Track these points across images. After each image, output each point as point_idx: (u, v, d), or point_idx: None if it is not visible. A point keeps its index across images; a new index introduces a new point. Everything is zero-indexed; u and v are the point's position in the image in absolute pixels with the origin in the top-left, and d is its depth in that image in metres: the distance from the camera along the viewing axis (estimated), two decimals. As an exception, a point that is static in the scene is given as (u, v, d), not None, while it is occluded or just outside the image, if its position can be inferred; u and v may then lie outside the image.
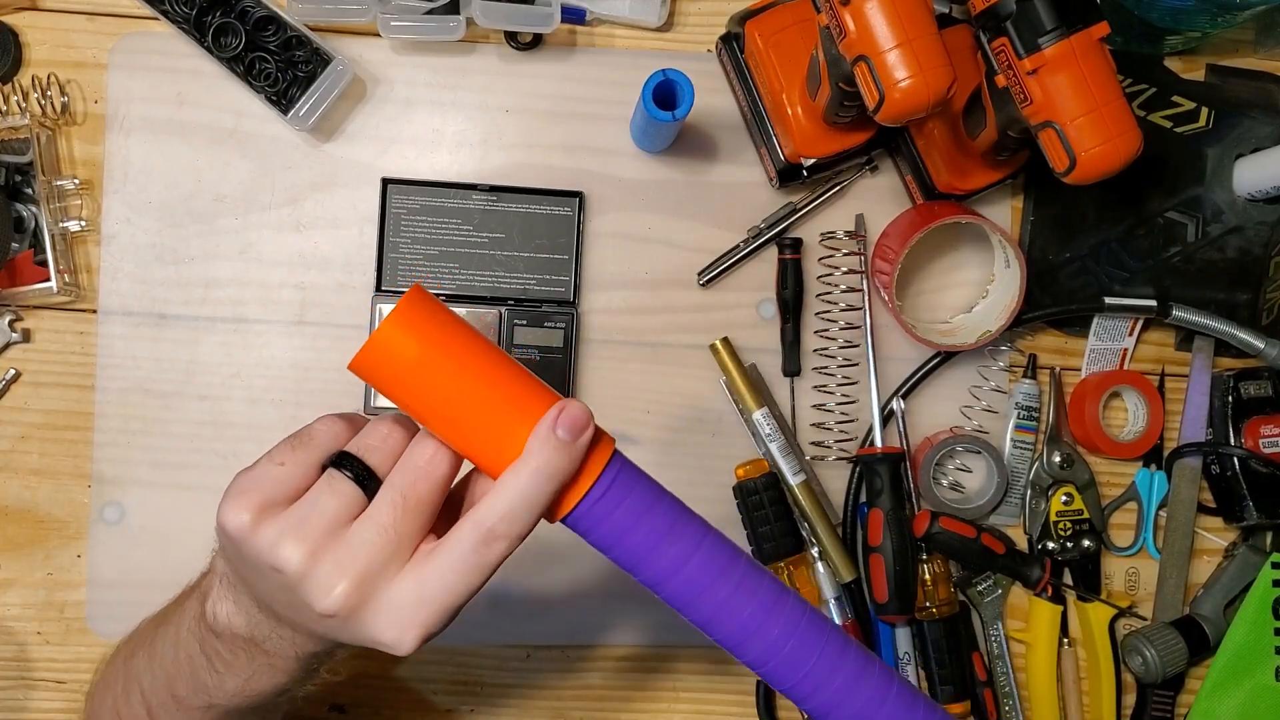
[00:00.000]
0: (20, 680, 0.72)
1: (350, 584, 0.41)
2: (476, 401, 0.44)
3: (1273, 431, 0.76)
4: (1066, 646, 0.78)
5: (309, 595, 0.42)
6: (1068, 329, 0.79)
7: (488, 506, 0.43)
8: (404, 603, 0.42)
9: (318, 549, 0.42)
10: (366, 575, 0.42)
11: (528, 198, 0.74)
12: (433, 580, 0.42)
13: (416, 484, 0.43)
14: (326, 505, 0.42)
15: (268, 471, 0.44)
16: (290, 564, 0.41)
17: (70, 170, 0.72)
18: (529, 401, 0.45)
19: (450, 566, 0.42)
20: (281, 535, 0.42)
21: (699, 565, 0.46)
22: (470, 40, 0.73)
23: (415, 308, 0.44)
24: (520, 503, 0.43)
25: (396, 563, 0.42)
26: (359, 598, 0.42)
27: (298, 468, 0.44)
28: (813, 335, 0.77)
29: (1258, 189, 0.72)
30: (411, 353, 0.43)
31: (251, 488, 0.43)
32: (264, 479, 0.43)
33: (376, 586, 0.42)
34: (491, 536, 0.43)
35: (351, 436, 0.45)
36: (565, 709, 0.75)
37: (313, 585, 0.41)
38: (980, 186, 0.74)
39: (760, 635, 0.46)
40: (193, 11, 0.70)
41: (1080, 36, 0.57)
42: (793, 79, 0.70)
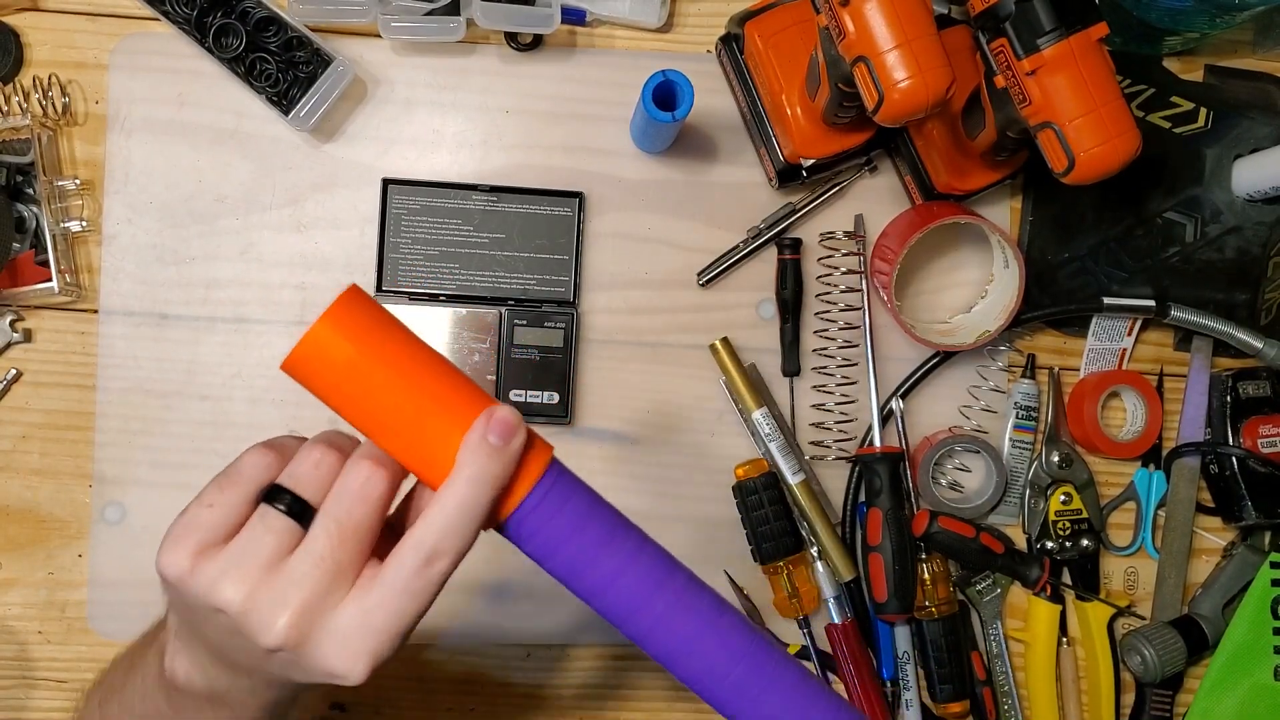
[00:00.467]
0: (21, 680, 0.72)
1: (291, 616, 0.41)
2: (412, 405, 0.43)
3: (1271, 431, 0.77)
4: (1065, 646, 0.78)
5: (252, 632, 0.41)
6: (1066, 329, 0.79)
7: (425, 525, 0.42)
8: (350, 632, 0.42)
9: (256, 585, 0.41)
10: (307, 607, 0.41)
11: (528, 198, 0.74)
12: (377, 608, 0.42)
13: (352, 510, 0.42)
14: (261, 541, 0.42)
15: (199, 514, 0.44)
16: (231, 603, 0.41)
17: (71, 170, 0.72)
18: (464, 406, 0.44)
19: (394, 591, 0.42)
20: (220, 575, 0.42)
21: (637, 577, 0.45)
22: (470, 41, 0.73)
23: (350, 308, 0.43)
24: (458, 516, 0.42)
25: (338, 591, 0.42)
26: (302, 630, 0.41)
27: (229, 507, 0.44)
28: (812, 335, 0.77)
29: (1256, 189, 0.72)
30: (345, 354, 0.43)
31: (185, 532, 0.43)
32: (197, 522, 0.43)
33: (320, 617, 0.41)
34: (433, 555, 0.42)
35: (282, 466, 0.45)
36: (565, 709, 0.76)
37: (255, 621, 0.41)
38: (979, 187, 0.74)
39: (698, 654, 0.45)
40: (194, 12, 0.70)
41: (1079, 37, 0.57)
42: (792, 80, 0.70)
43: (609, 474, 0.75)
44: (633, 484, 0.75)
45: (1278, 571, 0.77)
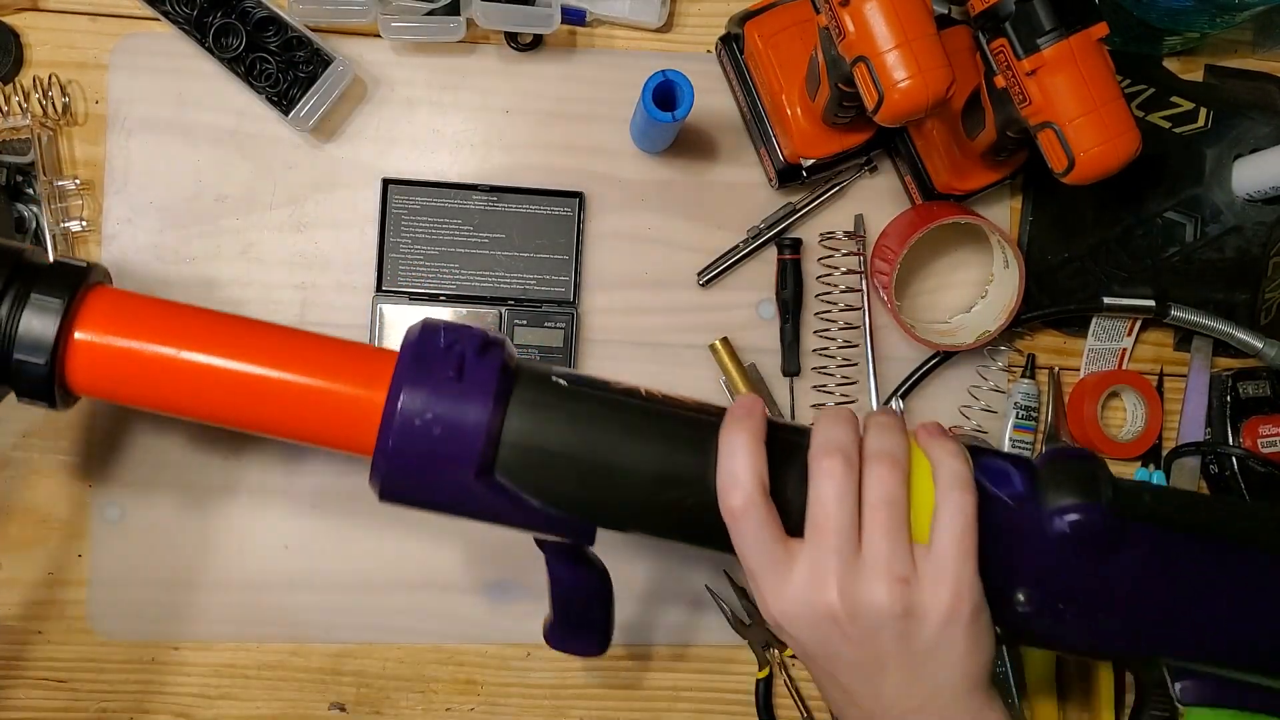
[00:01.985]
0: (20, 680, 0.72)
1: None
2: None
3: (1271, 431, 0.77)
4: (1065, 646, 0.78)
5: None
6: (1066, 329, 0.79)
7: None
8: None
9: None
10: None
11: (528, 198, 0.74)
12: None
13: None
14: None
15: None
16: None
17: (71, 170, 0.72)
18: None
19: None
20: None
21: None
22: (470, 41, 0.73)
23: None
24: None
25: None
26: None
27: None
28: (812, 335, 0.77)
29: (1256, 189, 0.72)
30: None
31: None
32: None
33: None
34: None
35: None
36: (565, 709, 0.76)
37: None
38: (979, 187, 0.74)
39: None
40: (194, 12, 0.70)
41: (1079, 37, 0.58)
42: (792, 79, 0.70)
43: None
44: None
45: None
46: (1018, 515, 0.50)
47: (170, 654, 0.73)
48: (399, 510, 0.73)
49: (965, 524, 0.48)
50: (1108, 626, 0.51)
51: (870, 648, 0.48)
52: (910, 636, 0.47)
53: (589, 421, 0.50)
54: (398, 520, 0.74)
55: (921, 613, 0.47)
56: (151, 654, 0.73)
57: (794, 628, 0.48)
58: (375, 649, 0.74)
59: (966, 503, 0.48)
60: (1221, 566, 0.52)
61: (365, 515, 0.73)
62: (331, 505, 0.73)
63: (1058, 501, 0.50)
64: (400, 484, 0.50)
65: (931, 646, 0.47)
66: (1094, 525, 0.50)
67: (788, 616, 0.48)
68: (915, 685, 0.48)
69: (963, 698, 0.48)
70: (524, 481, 0.50)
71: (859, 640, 0.47)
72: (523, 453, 0.49)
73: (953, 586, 0.47)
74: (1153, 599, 0.51)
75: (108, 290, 0.54)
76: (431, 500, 0.51)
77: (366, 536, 0.74)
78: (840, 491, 0.47)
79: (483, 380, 0.49)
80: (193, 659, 0.73)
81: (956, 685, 0.48)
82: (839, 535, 0.47)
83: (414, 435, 0.49)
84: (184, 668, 0.73)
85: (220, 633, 0.73)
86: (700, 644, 0.76)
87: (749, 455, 0.48)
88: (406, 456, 0.49)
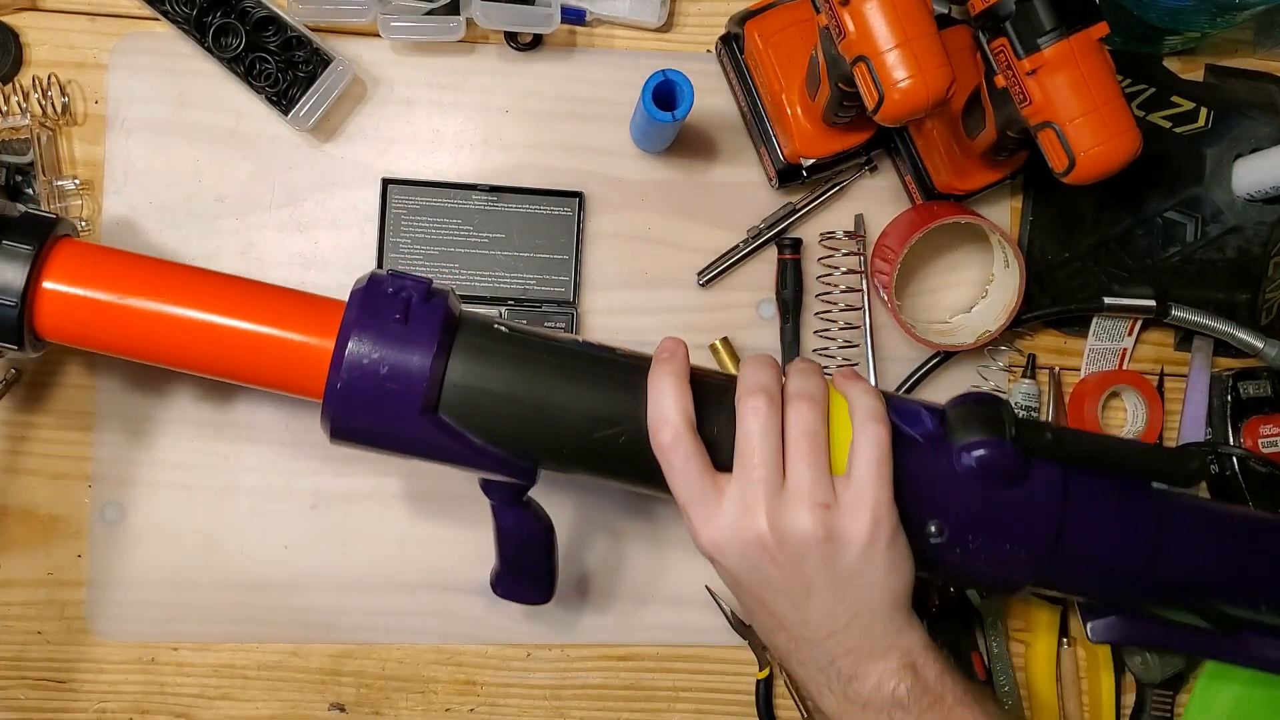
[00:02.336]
0: (20, 680, 0.72)
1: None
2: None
3: (1272, 431, 0.77)
4: (1066, 646, 0.78)
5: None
6: (1067, 329, 0.79)
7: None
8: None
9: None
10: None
11: (528, 198, 0.74)
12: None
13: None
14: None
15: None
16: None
17: (71, 170, 0.72)
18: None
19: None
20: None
21: None
22: (470, 41, 0.73)
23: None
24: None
25: None
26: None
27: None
28: (812, 335, 0.77)
29: (1257, 189, 0.72)
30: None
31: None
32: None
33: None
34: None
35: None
36: (565, 709, 0.76)
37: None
38: (979, 187, 0.74)
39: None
40: (193, 12, 0.70)
41: (1079, 37, 0.57)
42: (792, 79, 0.70)
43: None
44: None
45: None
46: (929, 452, 0.55)
47: (170, 654, 0.73)
48: (398, 510, 0.74)
49: (881, 453, 0.52)
50: (1014, 557, 0.56)
51: (797, 572, 0.51)
52: (834, 559, 0.51)
53: (528, 364, 0.54)
54: (397, 521, 0.74)
55: (843, 536, 0.51)
56: (151, 654, 0.73)
57: (724, 556, 0.52)
58: (375, 649, 0.74)
59: (881, 434, 0.52)
60: (1119, 497, 0.58)
61: (365, 515, 0.73)
62: (331, 505, 0.73)
63: (965, 439, 0.55)
64: (350, 422, 0.54)
65: (854, 568, 0.51)
66: (999, 460, 0.54)
67: (718, 545, 0.52)
68: (840, 606, 0.52)
69: (884, 616, 0.52)
70: (467, 420, 0.53)
71: (786, 564, 0.51)
72: (465, 392, 0.53)
73: (871, 511, 0.51)
74: (1054, 530, 0.55)
75: (74, 242, 0.57)
76: (379, 438, 0.54)
77: (366, 536, 0.73)
78: (764, 426, 0.52)
79: (428, 323, 0.53)
80: (193, 659, 0.73)
81: (878, 605, 0.52)
82: (765, 466, 0.51)
83: (362, 374, 0.52)
84: (184, 668, 0.73)
85: (220, 633, 0.73)
86: (700, 644, 0.76)
87: (675, 394, 0.52)
88: (355, 395, 0.52)
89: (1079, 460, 0.58)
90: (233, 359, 0.56)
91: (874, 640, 0.53)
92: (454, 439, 0.54)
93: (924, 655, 0.53)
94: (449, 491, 0.74)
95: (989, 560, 0.56)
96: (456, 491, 0.74)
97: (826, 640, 0.53)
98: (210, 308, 0.56)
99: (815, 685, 0.54)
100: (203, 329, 0.56)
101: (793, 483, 0.51)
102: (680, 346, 0.55)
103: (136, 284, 0.55)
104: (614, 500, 0.75)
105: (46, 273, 0.55)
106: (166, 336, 0.56)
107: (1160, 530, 0.58)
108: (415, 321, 0.53)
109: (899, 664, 0.52)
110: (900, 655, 0.53)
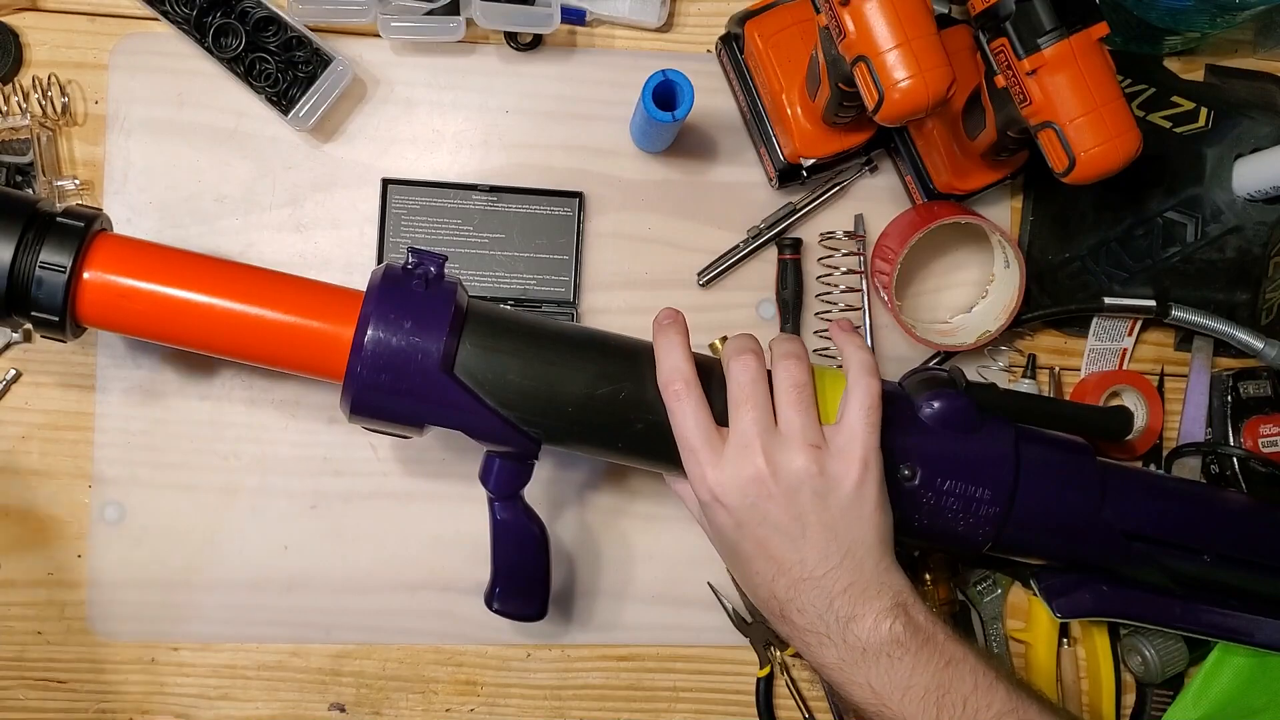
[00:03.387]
0: (20, 680, 0.72)
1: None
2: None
3: (1272, 431, 0.77)
4: (1066, 646, 0.78)
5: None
6: (1067, 329, 0.79)
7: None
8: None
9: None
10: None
11: (528, 198, 0.74)
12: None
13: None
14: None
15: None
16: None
17: (71, 171, 0.72)
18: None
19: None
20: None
21: None
22: (470, 41, 0.73)
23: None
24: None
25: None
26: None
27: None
28: (812, 335, 0.77)
29: (1257, 189, 0.72)
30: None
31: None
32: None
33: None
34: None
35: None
36: (565, 709, 0.76)
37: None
38: (980, 187, 0.74)
39: None
40: (193, 12, 0.70)
41: (1079, 37, 0.57)
42: (792, 79, 0.70)
43: (610, 473, 0.75)
44: (633, 483, 0.75)
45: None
46: (897, 406, 0.61)
47: (170, 654, 0.73)
48: (398, 510, 0.74)
49: (872, 401, 0.58)
50: (979, 503, 0.61)
51: (793, 506, 0.56)
52: (826, 495, 0.56)
53: (534, 329, 0.60)
54: (397, 521, 0.74)
55: (835, 475, 0.56)
56: (151, 654, 0.73)
57: (726, 495, 0.56)
58: (375, 649, 0.74)
59: (873, 385, 0.58)
60: (1064, 453, 0.65)
61: (365, 515, 0.73)
62: (331, 505, 0.73)
63: (923, 394, 0.62)
64: (375, 380, 0.57)
65: (845, 506, 0.56)
66: (956, 408, 0.62)
67: (722, 485, 0.56)
68: (833, 543, 0.56)
69: (874, 554, 0.57)
70: (480, 380, 0.57)
71: (782, 499, 0.56)
72: (478, 353, 0.58)
73: (861, 454, 0.56)
74: (1010, 475, 0.62)
75: (111, 235, 0.61)
76: (400, 398, 0.57)
77: (366, 536, 0.74)
78: (754, 376, 0.57)
79: (446, 289, 0.58)
80: (193, 659, 0.73)
81: (869, 542, 0.56)
82: (757, 409, 0.56)
83: (388, 332, 0.56)
84: (184, 668, 0.73)
85: (220, 633, 0.73)
86: (700, 644, 0.76)
87: (684, 349, 0.59)
88: (381, 353, 0.56)
89: (1023, 413, 0.66)
90: (260, 335, 0.59)
91: (866, 578, 0.56)
92: (469, 399, 0.57)
93: (911, 596, 0.57)
94: (449, 492, 0.74)
95: (957, 506, 0.61)
96: (456, 492, 0.74)
97: (823, 579, 0.56)
98: (238, 294, 0.59)
99: (815, 637, 0.56)
100: (232, 317, 0.59)
101: (784, 427, 0.57)
102: (679, 314, 0.61)
103: (171, 274, 0.59)
104: (614, 500, 0.75)
105: (88, 263, 0.58)
106: (199, 325, 0.59)
107: (1104, 484, 0.65)
108: (434, 287, 0.58)
109: (891, 603, 0.56)
110: (892, 594, 0.56)
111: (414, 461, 0.74)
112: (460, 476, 0.74)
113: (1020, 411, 0.66)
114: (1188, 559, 0.67)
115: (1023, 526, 0.63)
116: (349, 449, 0.73)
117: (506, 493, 0.62)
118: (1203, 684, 0.76)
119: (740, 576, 0.61)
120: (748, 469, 0.56)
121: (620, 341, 0.62)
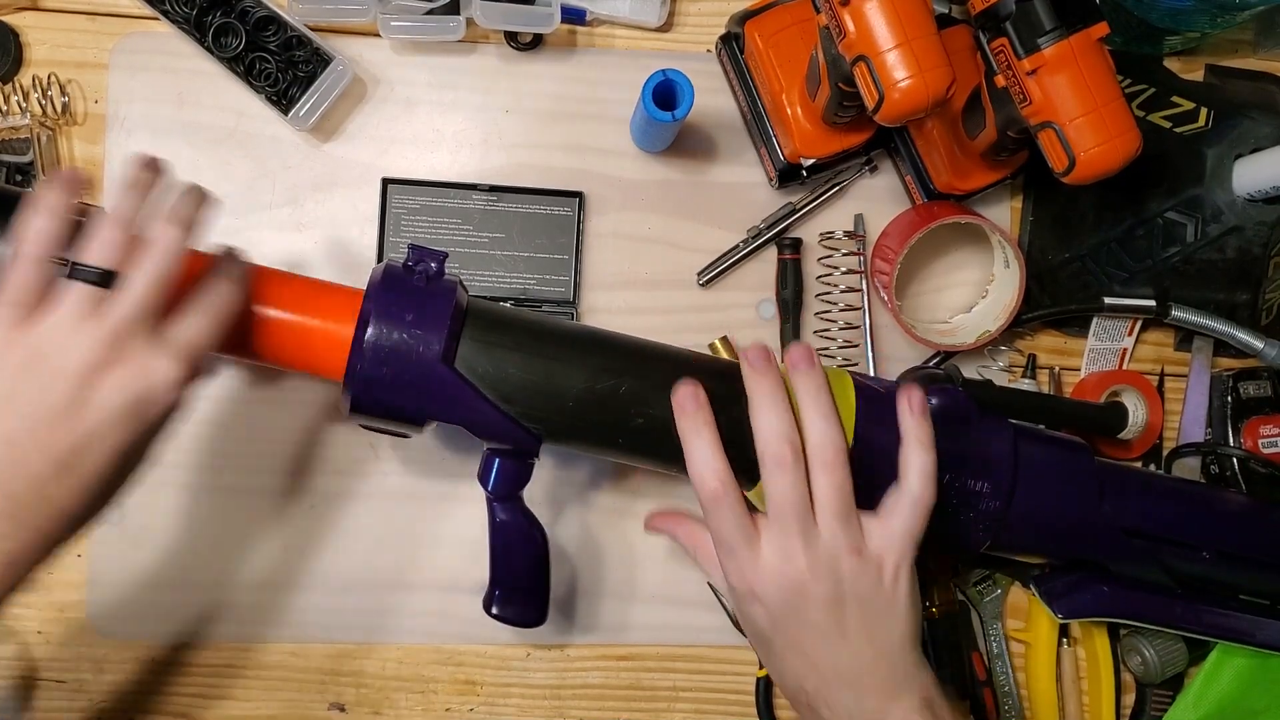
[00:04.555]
0: (20, 679, 0.72)
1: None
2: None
3: (1272, 431, 0.77)
4: (1066, 646, 0.78)
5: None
6: (1067, 329, 0.79)
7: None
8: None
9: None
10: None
11: (528, 198, 0.74)
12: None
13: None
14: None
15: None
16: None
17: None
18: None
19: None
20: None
21: None
22: (470, 40, 0.73)
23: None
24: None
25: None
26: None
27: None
28: (812, 335, 0.77)
29: (1257, 189, 0.72)
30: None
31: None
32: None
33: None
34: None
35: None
36: (565, 709, 0.76)
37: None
38: (980, 187, 0.74)
39: None
40: (193, 12, 0.70)
41: (1079, 37, 0.57)
42: (792, 79, 0.70)
43: (610, 473, 0.75)
44: (634, 483, 0.75)
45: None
46: (893, 406, 0.60)
47: (170, 654, 0.73)
48: (398, 510, 0.74)
49: (921, 511, 0.57)
50: (980, 498, 0.62)
51: (834, 611, 0.55)
52: (866, 599, 0.55)
53: (534, 325, 0.60)
54: (397, 521, 0.74)
55: (876, 577, 0.56)
56: (151, 654, 0.73)
57: (766, 598, 0.55)
58: (375, 649, 0.74)
59: (927, 496, 0.57)
60: (1060, 450, 0.66)
61: (365, 515, 0.73)
62: (331, 505, 0.73)
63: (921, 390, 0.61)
64: (377, 373, 0.57)
65: (884, 607, 0.56)
66: (954, 402, 0.62)
67: (763, 583, 0.55)
68: (869, 645, 0.55)
69: (905, 649, 0.56)
70: (480, 374, 0.58)
71: (823, 604, 0.55)
72: (479, 346, 0.58)
73: (900, 552, 0.56)
74: (1009, 468, 0.62)
75: None
76: (401, 391, 0.57)
77: (366, 536, 0.73)
78: (793, 480, 0.55)
79: (447, 283, 0.59)
80: (193, 659, 0.73)
81: (902, 640, 0.56)
82: (799, 519, 0.55)
83: (390, 324, 0.57)
84: (184, 668, 0.73)
85: (220, 633, 0.73)
86: (700, 644, 0.76)
87: (713, 448, 0.56)
88: (382, 346, 0.56)
89: (1019, 409, 0.67)
90: (260, 333, 0.59)
91: (897, 677, 0.56)
92: (469, 391, 0.57)
93: (936, 692, 0.57)
94: (449, 492, 0.74)
95: (957, 501, 0.62)
96: (456, 492, 0.74)
97: (856, 677, 0.55)
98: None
99: None
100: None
101: (826, 534, 0.55)
102: (700, 391, 0.57)
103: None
104: (615, 501, 0.75)
105: None
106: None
107: (1102, 481, 0.66)
108: (435, 283, 0.59)
109: (919, 700, 0.55)
110: (920, 691, 0.56)
111: (413, 461, 0.74)
112: (460, 476, 0.74)
113: (1016, 407, 0.67)
114: (1188, 555, 0.67)
115: (1022, 521, 0.63)
116: (349, 448, 0.73)
117: (506, 493, 0.62)
118: (1203, 685, 0.76)
119: (769, 666, 0.60)
120: (789, 575, 0.55)
121: (620, 338, 0.62)
